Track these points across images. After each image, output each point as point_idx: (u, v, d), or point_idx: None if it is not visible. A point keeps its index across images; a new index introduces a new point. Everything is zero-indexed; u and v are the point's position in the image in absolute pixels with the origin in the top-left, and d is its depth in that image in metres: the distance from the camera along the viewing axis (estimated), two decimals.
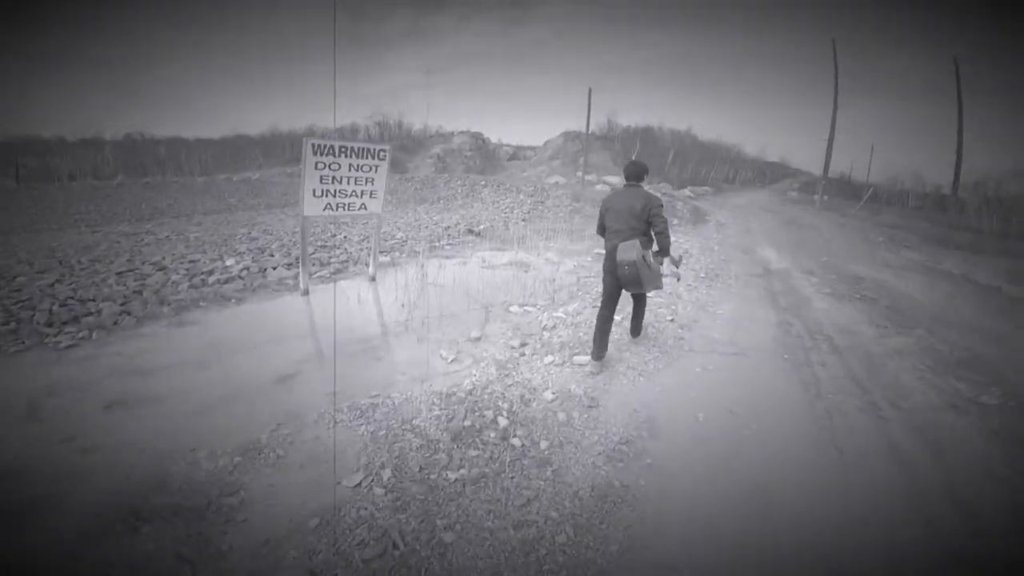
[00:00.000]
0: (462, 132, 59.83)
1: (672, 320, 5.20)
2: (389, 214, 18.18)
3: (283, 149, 52.20)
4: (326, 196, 6.33)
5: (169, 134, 53.59)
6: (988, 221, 26.05)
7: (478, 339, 4.72)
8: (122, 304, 6.11)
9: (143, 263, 8.66)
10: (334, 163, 6.24)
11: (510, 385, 3.66)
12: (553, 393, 3.51)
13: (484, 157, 57.51)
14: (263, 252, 9.16)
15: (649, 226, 3.83)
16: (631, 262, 3.63)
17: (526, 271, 8.02)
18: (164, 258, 9.22)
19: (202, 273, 7.84)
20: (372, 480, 2.74)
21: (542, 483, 2.67)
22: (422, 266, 8.21)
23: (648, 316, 5.21)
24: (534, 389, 3.59)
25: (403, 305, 5.89)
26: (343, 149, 6.27)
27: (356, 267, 8.17)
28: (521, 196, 21.00)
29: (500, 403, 3.39)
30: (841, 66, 26.95)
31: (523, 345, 4.40)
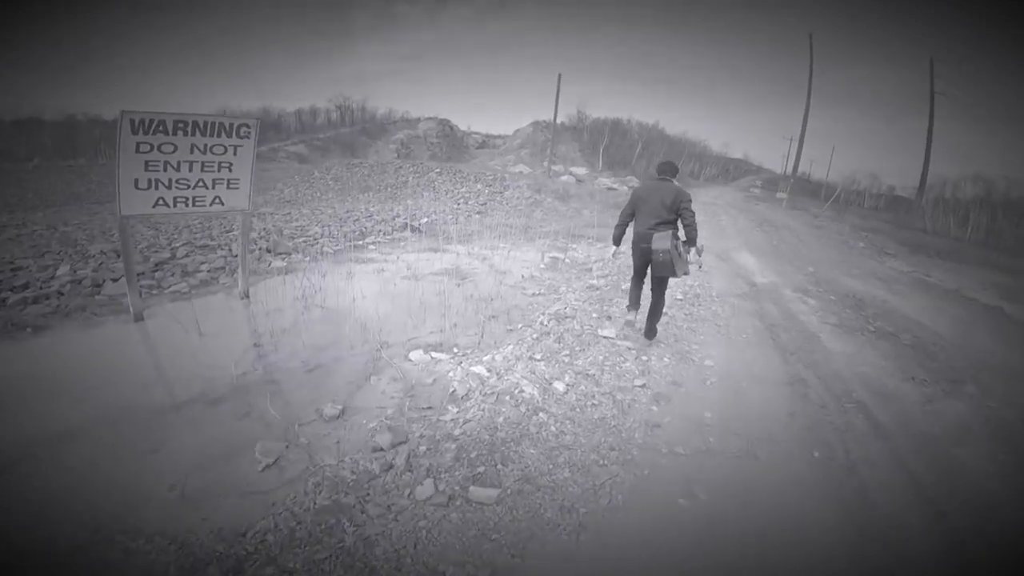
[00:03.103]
0: (428, 118, 57.41)
1: (644, 385, 3.52)
2: (321, 203, 16.00)
3: None
4: (156, 188, 4.46)
5: (114, 116, 49.30)
6: (946, 224, 26.09)
7: (336, 418, 2.96)
8: None
9: None
10: (167, 143, 4.37)
11: (325, 558, 1.90)
12: None
13: (451, 145, 55.26)
14: (118, 256, 7.06)
15: (678, 217, 4.08)
16: (666, 250, 3.91)
17: (460, 284, 6.26)
18: None
19: (13, 288, 5.76)
20: None
21: None
22: (323, 276, 6.32)
23: (612, 379, 3.55)
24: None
25: (256, 345, 4.04)
26: (181, 125, 4.41)
27: (234, 276, 6.21)
28: (479, 186, 19.15)
29: None
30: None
31: (396, 445, 2.63)
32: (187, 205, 4.62)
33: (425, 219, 11.94)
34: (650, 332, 4.44)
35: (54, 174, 31.86)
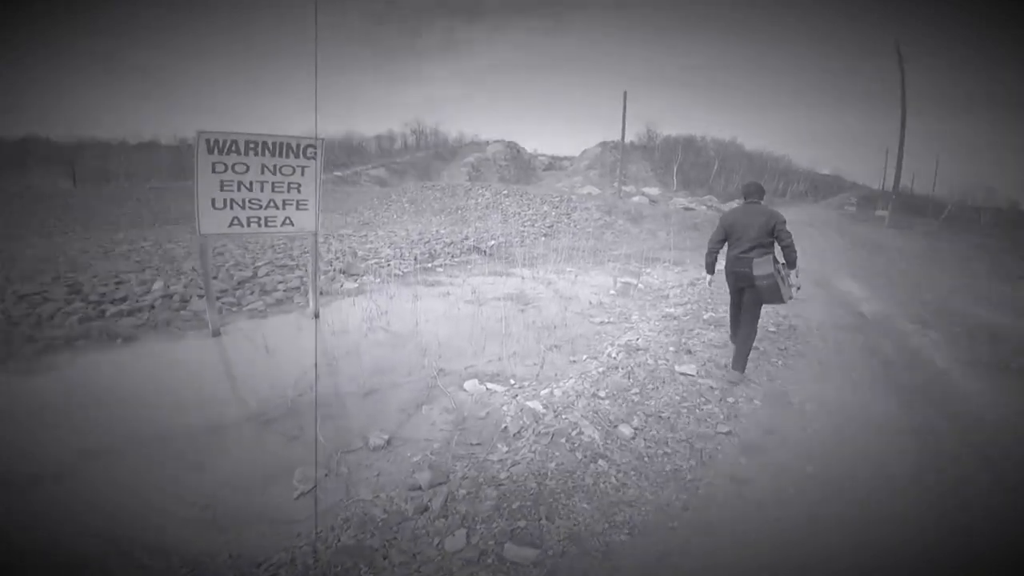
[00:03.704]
0: (496, 141, 58.84)
1: (729, 432, 3.03)
2: (396, 225, 16.52)
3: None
4: (231, 208, 4.62)
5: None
6: None
7: (381, 448, 2.77)
8: None
9: (67, 283, 7.19)
10: (240, 163, 4.52)
11: None
12: None
13: (518, 167, 56.06)
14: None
15: (772, 240, 4.00)
16: (770, 275, 3.79)
17: (523, 309, 6.02)
18: (95, 276, 7.73)
19: (112, 300, 6.25)
20: None
21: None
22: (390, 297, 6.33)
23: (690, 424, 3.10)
24: None
25: (317, 366, 3.99)
26: (252, 145, 4.55)
27: (308, 297, 6.38)
28: (545, 207, 18.99)
29: None
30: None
31: (435, 485, 2.38)
32: (260, 225, 4.75)
33: (492, 241, 11.90)
34: (739, 364, 4.04)
35: (168, 195, 35.54)
